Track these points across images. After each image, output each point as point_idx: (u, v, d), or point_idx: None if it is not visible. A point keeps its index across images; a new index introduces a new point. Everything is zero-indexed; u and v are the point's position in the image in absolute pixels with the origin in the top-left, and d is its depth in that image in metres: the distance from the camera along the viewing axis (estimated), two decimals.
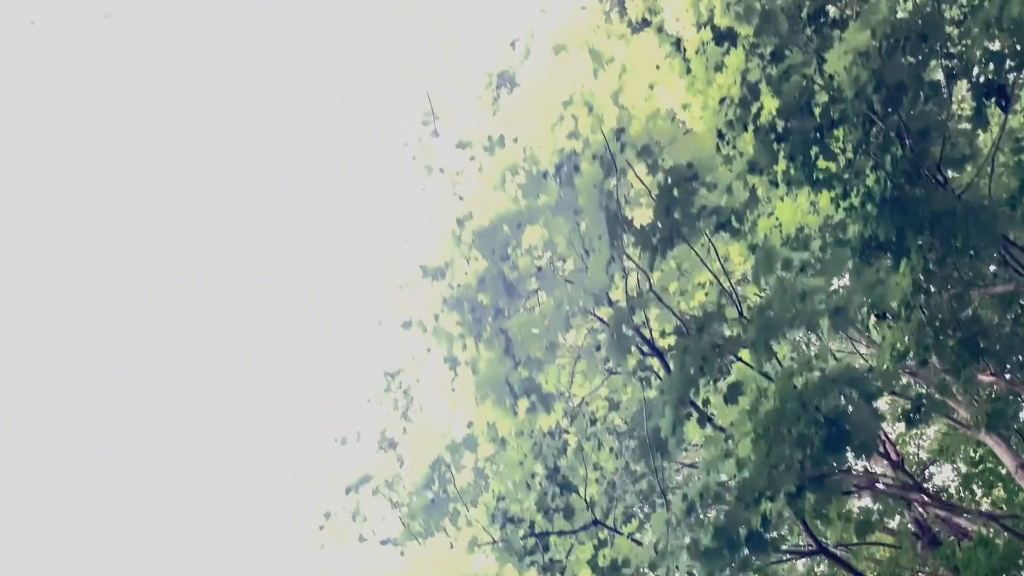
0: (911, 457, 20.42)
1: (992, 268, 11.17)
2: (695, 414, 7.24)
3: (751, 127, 8.31)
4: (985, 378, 11.84)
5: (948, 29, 9.67)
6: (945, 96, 9.66)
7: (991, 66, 9.31)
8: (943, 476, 21.15)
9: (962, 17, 9.48)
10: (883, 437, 15.03)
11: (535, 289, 5.58)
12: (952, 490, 20.12)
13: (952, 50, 9.86)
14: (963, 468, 20.14)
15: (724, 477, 6.61)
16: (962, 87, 11.33)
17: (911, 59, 9.25)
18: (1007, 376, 11.63)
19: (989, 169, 10.28)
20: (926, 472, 21.00)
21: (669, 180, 5.77)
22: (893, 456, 15.39)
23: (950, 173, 10.15)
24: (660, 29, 9.83)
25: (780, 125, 8.40)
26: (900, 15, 9.63)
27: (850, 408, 8.01)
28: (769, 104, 8.23)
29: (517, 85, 8.45)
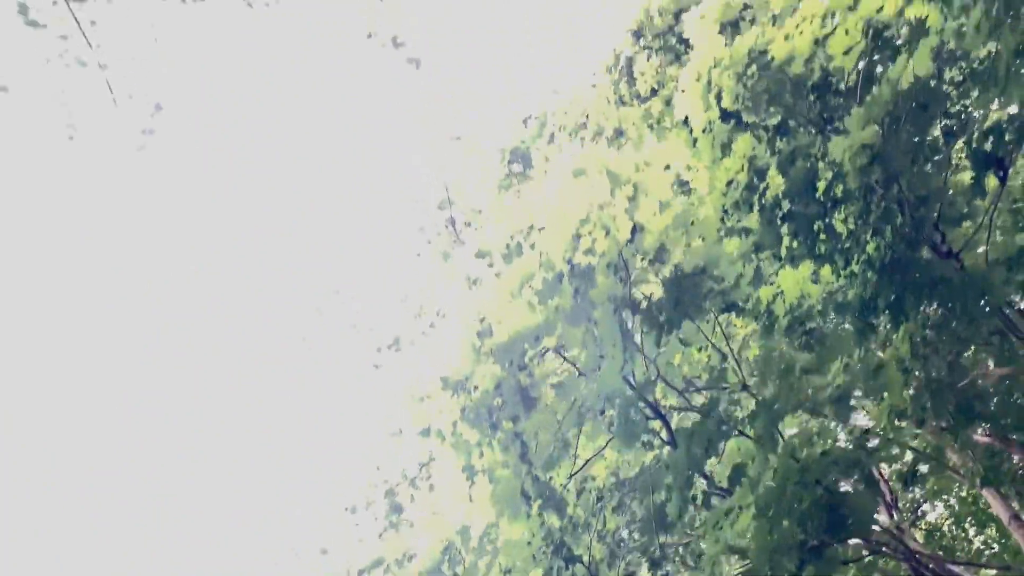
0: (905, 494, 20.55)
1: (990, 334, 11.33)
2: (700, 496, 7.41)
3: (757, 206, 8.49)
4: (980, 439, 12.01)
5: (947, 88, 9.82)
6: (944, 157, 9.87)
7: (990, 138, 9.53)
8: (936, 514, 21.26)
9: (962, 78, 9.63)
10: (878, 475, 15.23)
11: (550, 395, 5.75)
12: (945, 528, 20.28)
13: (951, 110, 10.07)
14: (956, 507, 20.29)
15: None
16: (960, 149, 11.48)
17: (912, 128, 9.48)
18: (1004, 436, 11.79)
19: (987, 230, 10.47)
20: (919, 510, 21.11)
21: (678, 274, 5.96)
22: (887, 496, 15.58)
23: (948, 234, 10.34)
24: (668, 102, 10.04)
25: (785, 205, 8.59)
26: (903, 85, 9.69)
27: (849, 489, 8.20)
28: (775, 184, 8.41)
29: (530, 163, 8.65)
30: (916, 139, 9.55)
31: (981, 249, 10.70)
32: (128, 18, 5.47)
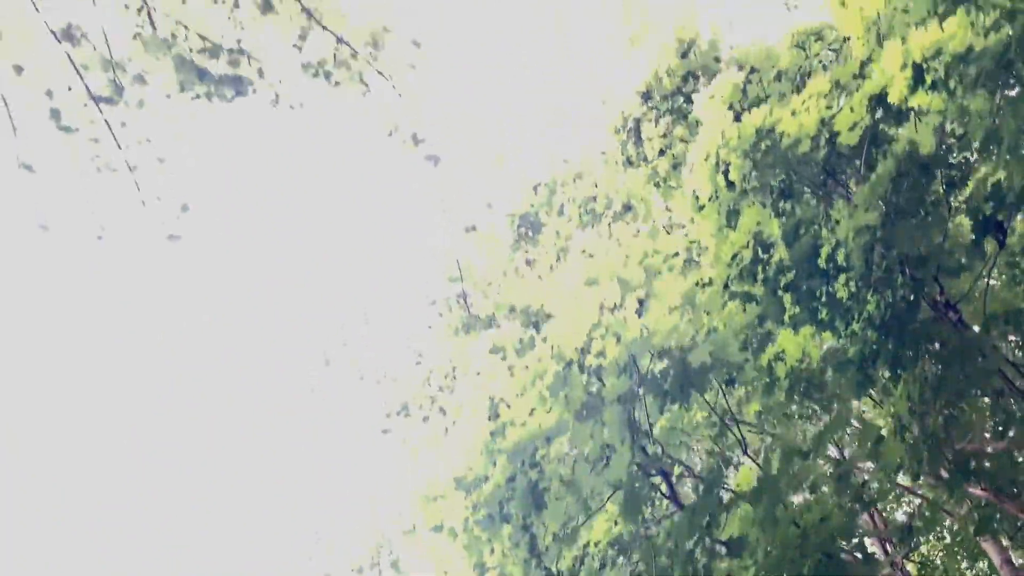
0: (897, 523, 20.72)
1: (987, 390, 11.51)
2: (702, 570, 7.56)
3: (761, 276, 8.68)
4: (975, 491, 12.18)
5: (949, 141, 9.97)
6: (944, 209, 10.04)
7: (990, 203, 9.71)
8: (929, 546, 21.42)
9: (963, 132, 9.73)
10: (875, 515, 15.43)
11: (561, 489, 5.90)
12: (938, 560, 20.46)
13: (953, 160, 10.25)
14: (948, 539, 20.47)
15: None
16: (961, 201, 11.59)
17: (913, 192, 9.68)
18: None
19: (986, 284, 10.65)
20: (912, 542, 21.24)
21: (684, 361, 6.15)
22: (880, 526, 15.77)
23: (947, 285, 10.51)
24: (675, 166, 10.21)
25: (789, 276, 8.78)
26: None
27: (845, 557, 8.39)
28: (780, 255, 8.59)
29: (539, 228, 8.82)
30: (918, 196, 9.71)
31: (979, 302, 10.84)
32: (157, 119, 5.63)
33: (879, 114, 9.06)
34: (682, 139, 10.45)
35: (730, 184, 8.87)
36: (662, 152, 10.36)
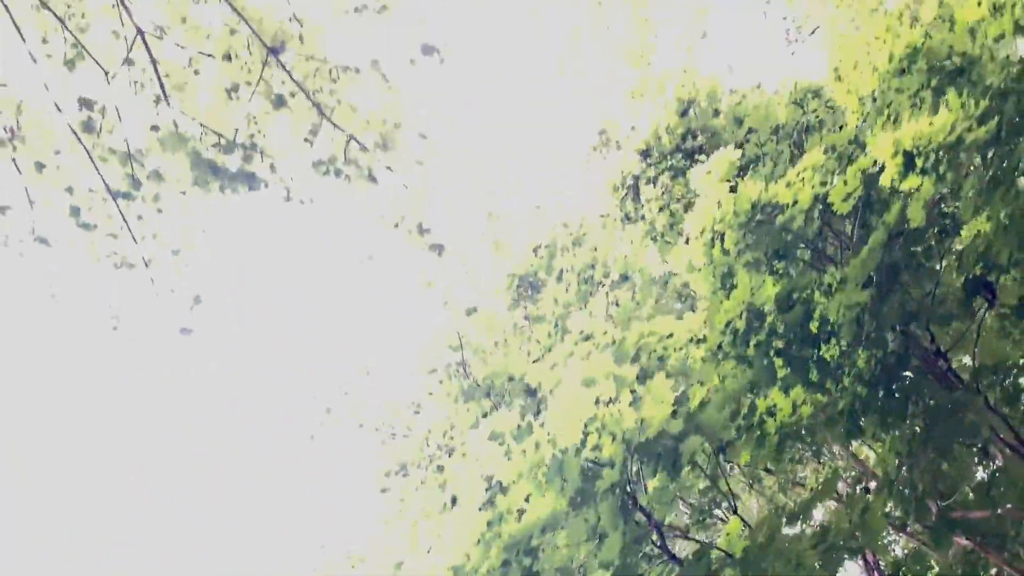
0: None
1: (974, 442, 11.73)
2: None
3: (753, 342, 8.90)
4: (961, 542, 12.43)
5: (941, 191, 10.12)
6: (936, 261, 10.27)
7: (980, 265, 9.95)
8: None
9: (957, 187, 9.88)
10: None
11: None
12: None
13: (946, 210, 10.48)
14: None
15: None
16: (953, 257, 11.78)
17: (904, 252, 9.92)
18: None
19: (976, 334, 10.88)
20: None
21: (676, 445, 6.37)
22: (870, 560, 16.01)
23: (938, 333, 10.73)
24: (672, 225, 10.43)
25: (780, 343, 9.00)
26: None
27: None
28: (773, 321, 8.81)
29: (539, 288, 9.03)
30: (908, 251, 9.93)
31: (969, 354, 11.03)
32: (172, 212, 5.83)
33: (872, 187, 9.28)
34: (680, 196, 10.69)
35: (724, 251, 9.09)
36: (660, 208, 10.57)
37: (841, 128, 11.09)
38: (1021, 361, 11.34)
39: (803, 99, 11.93)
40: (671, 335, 7.15)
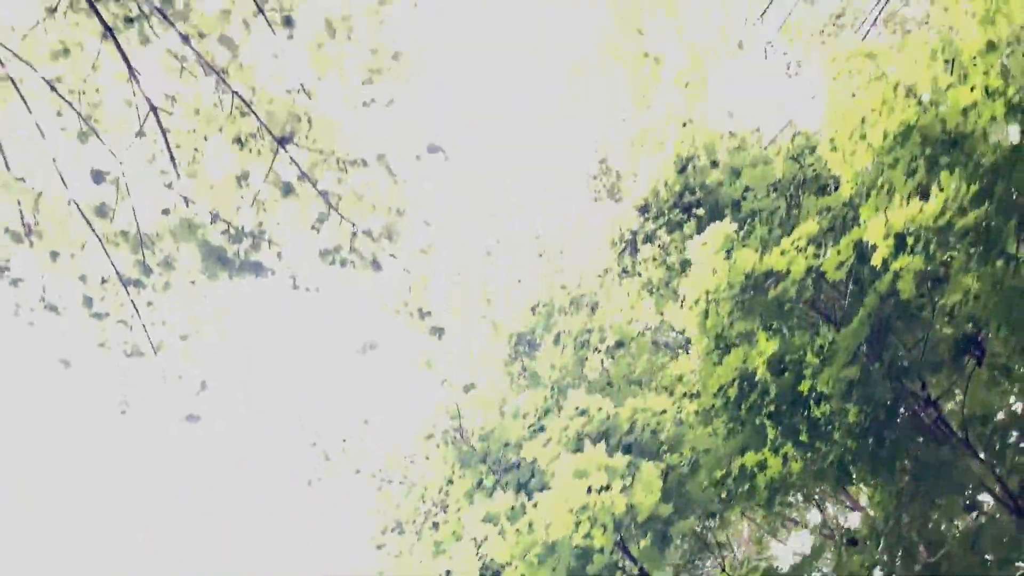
0: None
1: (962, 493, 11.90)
2: None
3: (745, 406, 9.09)
4: None
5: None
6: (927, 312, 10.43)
7: (970, 324, 10.14)
8: None
9: (948, 260, 9.99)
10: None
11: None
12: None
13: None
14: None
15: None
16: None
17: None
18: None
19: (966, 384, 11.04)
20: None
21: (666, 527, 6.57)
22: None
23: (929, 380, 10.91)
24: (669, 282, 10.59)
25: (772, 408, 9.20)
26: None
27: None
28: (765, 386, 9.01)
29: (536, 346, 9.22)
30: (902, 306, 10.09)
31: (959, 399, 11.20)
32: (183, 300, 6.00)
33: (864, 256, 9.46)
34: (677, 247, 10.88)
35: (719, 318, 9.29)
36: (656, 263, 10.76)
37: (835, 180, 11.28)
38: (1008, 410, 11.54)
39: (800, 154, 12.12)
40: (664, 411, 7.34)
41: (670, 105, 12.06)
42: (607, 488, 6.02)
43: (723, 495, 8.73)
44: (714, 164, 11.68)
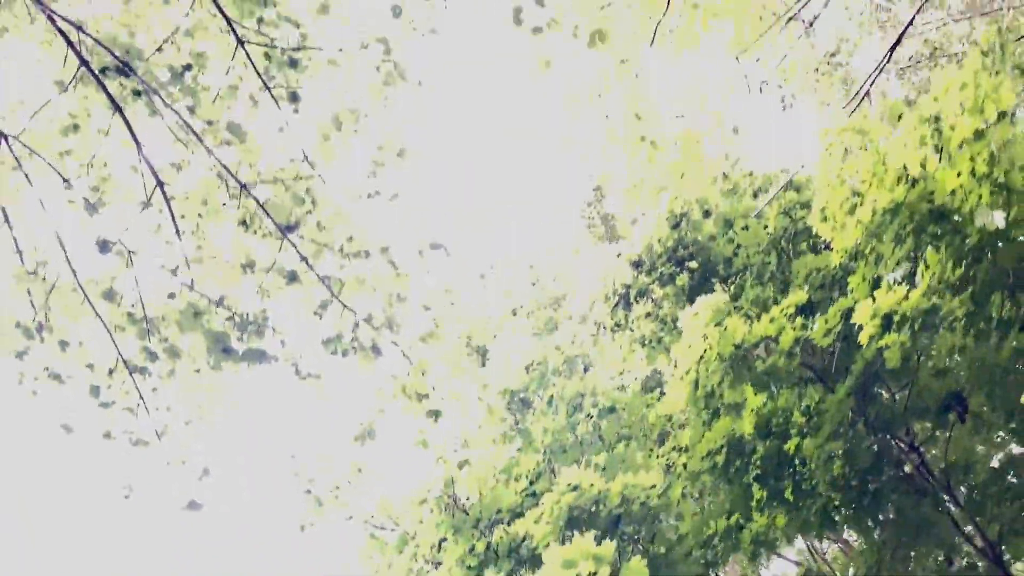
0: None
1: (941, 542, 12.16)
2: None
3: (732, 471, 9.32)
4: None
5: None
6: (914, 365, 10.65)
7: (953, 382, 10.39)
8: None
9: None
10: None
11: None
12: None
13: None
14: None
15: None
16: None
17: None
18: None
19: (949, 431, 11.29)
20: None
21: None
22: None
23: (914, 426, 11.16)
24: (661, 340, 10.78)
25: (758, 470, 9.43)
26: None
27: None
28: (751, 450, 9.23)
29: (530, 404, 9.40)
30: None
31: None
32: (187, 387, 6.14)
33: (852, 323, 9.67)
34: (669, 302, 11.06)
35: (708, 389, 9.50)
36: (649, 315, 10.95)
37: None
38: (989, 462, 11.82)
39: (792, 207, 12.34)
40: (654, 486, 7.54)
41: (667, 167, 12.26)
42: (595, 575, 6.24)
43: (708, 557, 8.94)
44: (707, 214, 11.88)
